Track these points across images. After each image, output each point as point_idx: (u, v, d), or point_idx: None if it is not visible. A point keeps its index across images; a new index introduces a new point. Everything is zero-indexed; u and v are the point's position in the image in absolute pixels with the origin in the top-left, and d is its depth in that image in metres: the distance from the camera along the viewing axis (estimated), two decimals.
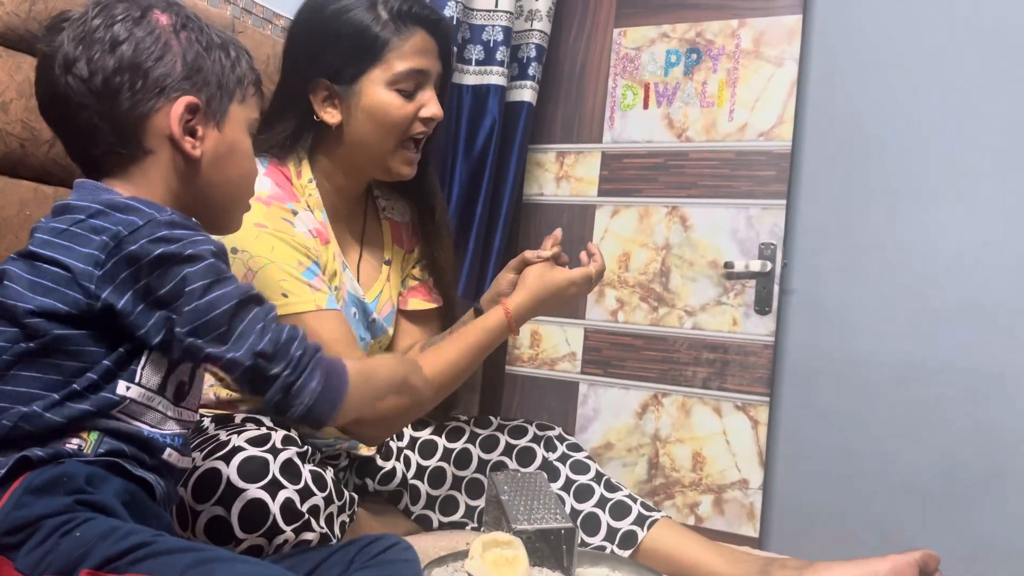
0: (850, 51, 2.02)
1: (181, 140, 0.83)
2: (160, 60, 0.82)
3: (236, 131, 0.89)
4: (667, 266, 2.05)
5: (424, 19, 1.24)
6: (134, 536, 0.69)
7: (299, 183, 1.25)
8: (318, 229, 1.24)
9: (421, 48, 1.22)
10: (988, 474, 1.83)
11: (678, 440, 2.01)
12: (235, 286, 0.79)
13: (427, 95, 1.24)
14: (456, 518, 1.39)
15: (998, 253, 1.85)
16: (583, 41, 2.17)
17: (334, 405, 0.82)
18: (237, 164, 0.89)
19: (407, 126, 1.23)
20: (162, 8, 0.85)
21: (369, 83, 1.21)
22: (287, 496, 0.98)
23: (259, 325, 0.78)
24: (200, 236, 0.79)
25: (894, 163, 1.96)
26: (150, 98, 0.82)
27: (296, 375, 0.79)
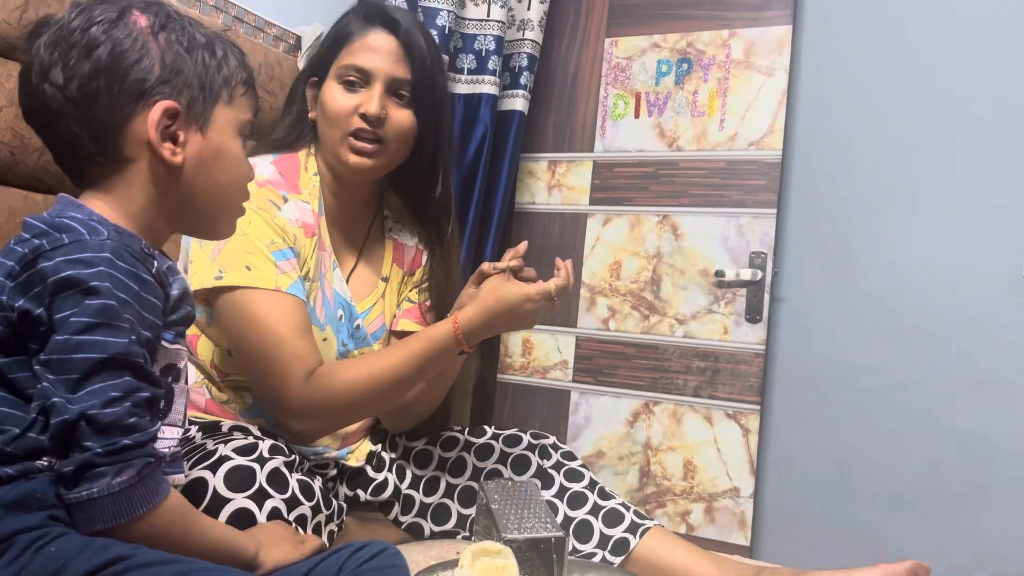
0: (839, 62, 2.03)
1: (159, 146, 0.79)
2: (137, 63, 0.78)
3: (222, 134, 0.84)
4: (658, 274, 2.06)
5: (383, 19, 1.25)
6: (112, 550, 0.67)
7: (305, 176, 1.27)
8: (306, 221, 1.23)
9: (372, 46, 1.23)
10: (975, 481, 1.83)
11: (669, 448, 2.01)
12: (119, 343, 0.71)
13: (367, 93, 1.23)
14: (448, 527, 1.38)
15: (984, 263, 1.86)
16: (575, 51, 2.18)
17: (117, 516, 0.70)
18: (224, 169, 0.85)
19: (345, 118, 1.23)
20: (141, 8, 0.81)
21: (329, 77, 1.26)
22: (274, 505, 0.97)
23: (112, 394, 0.70)
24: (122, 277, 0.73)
25: (883, 173, 1.97)
26: (127, 103, 0.78)
27: (105, 460, 0.69)
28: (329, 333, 1.28)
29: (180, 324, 0.83)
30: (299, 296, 1.16)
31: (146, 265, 0.77)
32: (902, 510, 1.89)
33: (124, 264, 0.74)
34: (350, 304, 1.31)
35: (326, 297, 1.28)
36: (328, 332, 1.28)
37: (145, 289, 0.76)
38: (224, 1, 1.56)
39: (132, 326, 0.73)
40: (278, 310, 1.13)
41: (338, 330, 1.29)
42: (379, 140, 1.24)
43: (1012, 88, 1.86)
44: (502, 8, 1.96)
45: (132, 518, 0.71)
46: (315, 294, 1.26)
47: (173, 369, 0.83)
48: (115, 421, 0.70)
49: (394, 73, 1.24)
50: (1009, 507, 1.80)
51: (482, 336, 1.21)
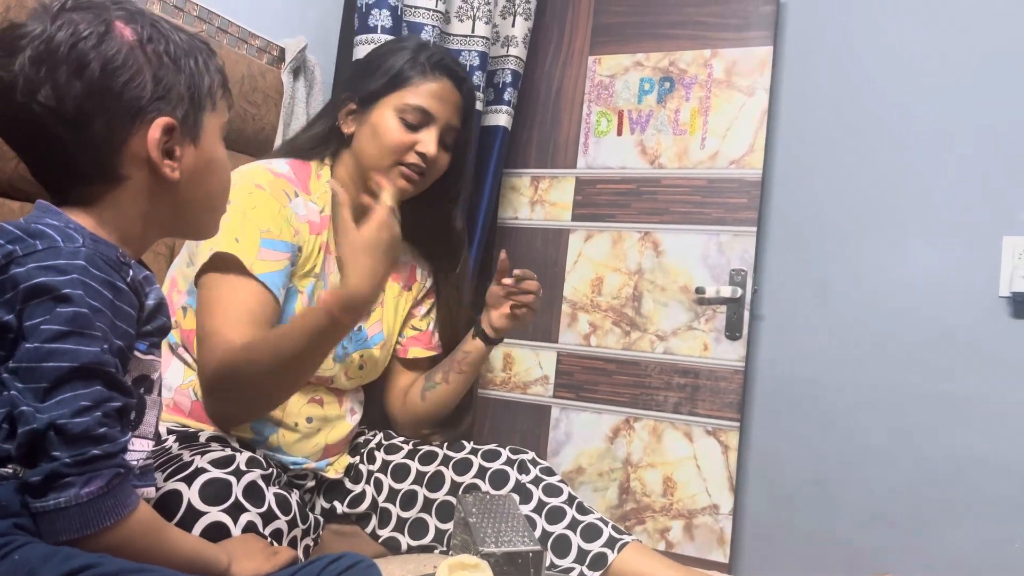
0: (820, 83, 2.06)
1: (161, 165, 0.78)
2: (131, 81, 0.76)
3: (212, 142, 0.84)
4: (639, 291, 2.07)
5: (450, 71, 1.36)
6: (77, 559, 0.66)
7: (317, 183, 1.34)
8: (311, 220, 1.29)
9: (437, 93, 1.34)
10: (952, 497, 1.85)
11: (649, 465, 2.01)
12: (91, 351, 0.70)
13: (427, 134, 1.33)
14: (426, 541, 1.38)
15: (961, 282, 1.89)
16: (558, 68, 2.20)
17: (84, 526, 0.68)
18: (216, 176, 0.85)
19: (401, 152, 1.32)
20: (125, 19, 0.78)
21: (382, 106, 1.33)
22: (249, 519, 0.96)
23: (82, 403, 0.69)
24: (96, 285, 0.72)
25: (862, 192, 2.00)
26: (124, 123, 0.76)
27: (73, 470, 0.68)
28: None
29: (155, 335, 0.82)
30: (269, 285, 1.18)
31: (121, 274, 0.76)
32: (880, 527, 1.89)
33: (98, 272, 0.73)
34: None
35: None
36: None
37: (119, 298, 0.75)
38: (208, 12, 1.56)
39: (104, 335, 0.72)
40: (238, 293, 1.15)
41: None
42: (423, 174, 1.35)
43: (989, 111, 1.90)
44: (487, 24, 1.98)
45: (99, 529, 0.70)
46: (319, 294, 1.30)
47: (146, 380, 0.82)
48: (85, 431, 0.69)
49: (451, 121, 1.36)
50: (985, 523, 1.82)
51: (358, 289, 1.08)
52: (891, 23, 2.01)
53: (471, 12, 1.96)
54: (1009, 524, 1.80)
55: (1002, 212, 1.87)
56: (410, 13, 1.84)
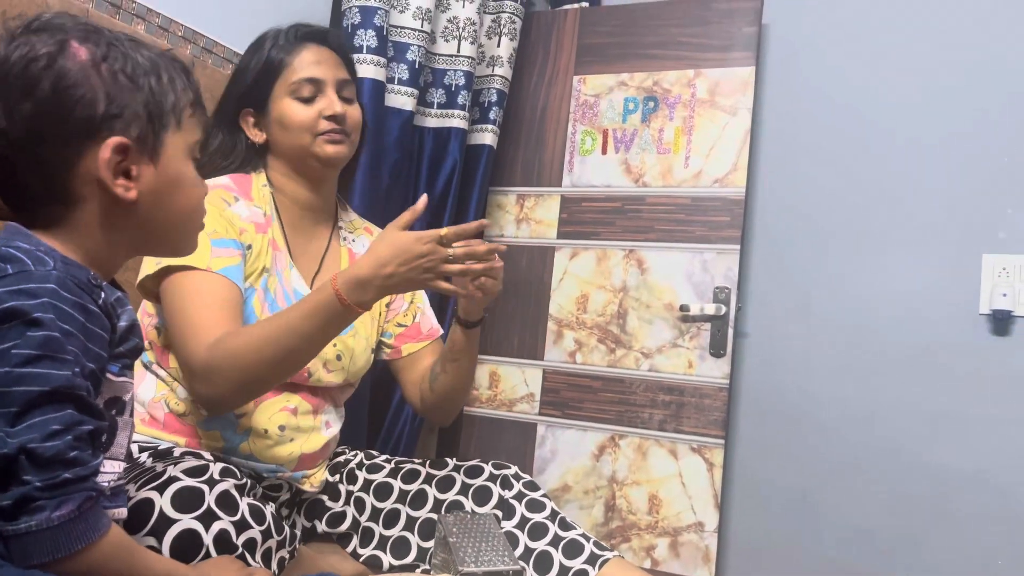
0: (801, 103, 2.08)
1: (112, 184, 0.77)
2: (80, 100, 0.75)
3: (175, 161, 0.82)
4: (624, 308, 2.07)
5: (311, 35, 1.38)
6: None
7: (256, 188, 1.36)
8: (256, 220, 1.31)
9: (312, 59, 1.36)
10: (936, 513, 1.85)
11: (634, 482, 2.00)
12: (62, 375, 0.70)
13: (326, 99, 1.35)
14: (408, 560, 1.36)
15: (943, 299, 1.90)
16: (544, 87, 2.22)
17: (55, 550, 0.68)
18: (180, 196, 0.83)
19: (312, 125, 1.34)
20: (80, 38, 0.77)
21: (275, 99, 1.35)
22: (222, 528, 0.96)
23: (53, 427, 0.69)
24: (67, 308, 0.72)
25: (844, 211, 2.01)
26: (74, 143, 0.75)
27: (45, 494, 0.67)
28: None
29: (127, 356, 0.81)
30: (229, 277, 1.20)
31: (92, 296, 0.75)
32: (865, 542, 1.89)
33: (69, 295, 0.72)
34: None
35: (286, 292, 1.32)
36: None
37: (91, 320, 0.74)
38: (193, 32, 1.57)
39: (76, 358, 0.71)
40: (204, 287, 1.17)
41: None
42: (344, 133, 1.37)
43: (970, 130, 1.92)
44: (472, 44, 2.00)
45: (71, 553, 0.69)
46: (275, 287, 1.31)
47: (118, 402, 0.81)
48: (56, 455, 0.68)
49: (339, 75, 1.38)
50: (968, 538, 1.82)
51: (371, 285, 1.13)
52: (871, 44, 2.04)
53: (457, 32, 1.98)
54: (992, 539, 1.80)
55: (982, 230, 1.89)
56: (396, 33, 1.86)
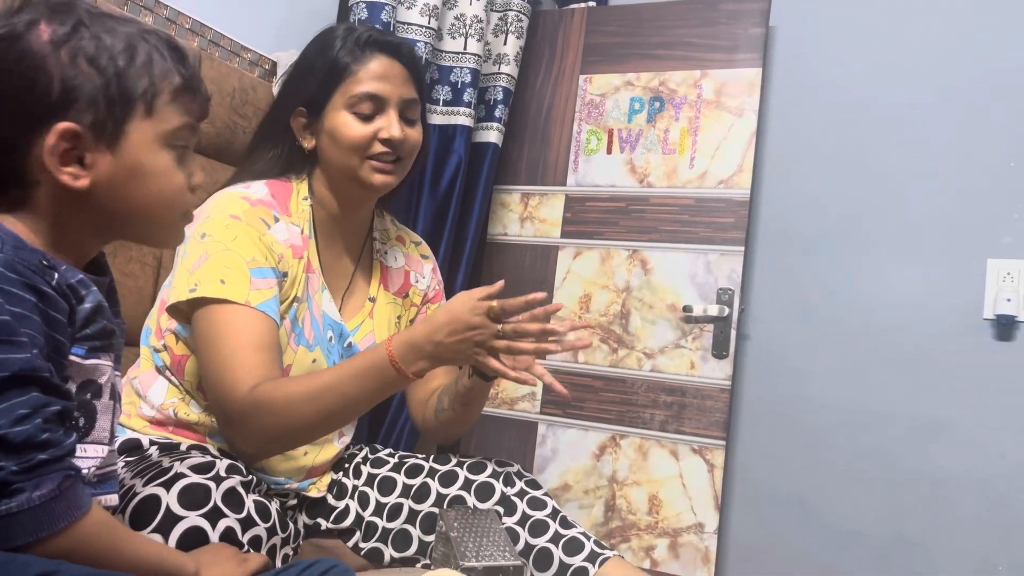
0: (808, 104, 2.08)
1: (58, 172, 0.75)
2: (32, 86, 0.74)
3: (139, 150, 0.78)
4: (627, 308, 2.07)
5: (383, 45, 1.28)
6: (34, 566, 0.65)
7: (296, 200, 1.30)
8: (294, 243, 1.25)
9: (379, 73, 1.26)
10: (936, 520, 1.85)
11: (635, 482, 2.01)
12: (21, 358, 0.69)
13: (386, 119, 1.27)
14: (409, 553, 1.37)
15: (946, 304, 1.90)
16: (549, 86, 2.22)
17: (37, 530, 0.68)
18: (143, 186, 0.79)
19: (366, 146, 1.26)
20: (49, 18, 0.75)
21: (332, 108, 1.27)
22: (228, 525, 0.96)
23: (21, 411, 0.68)
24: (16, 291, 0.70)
25: (848, 214, 2.01)
26: (25, 129, 0.74)
27: (21, 477, 0.67)
28: (319, 354, 1.28)
29: (95, 339, 0.79)
30: (268, 314, 1.16)
31: (45, 278, 0.74)
32: (863, 546, 1.89)
33: (17, 276, 0.71)
34: (340, 324, 1.31)
35: (315, 319, 1.28)
36: (318, 353, 1.28)
37: (44, 302, 0.73)
38: (200, 25, 1.57)
39: (32, 339, 0.70)
40: (242, 324, 1.13)
41: (328, 351, 1.30)
42: (398, 159, 1.29)
43: (976, 133, 1.92)
44: (479, 42, 2.00)
45: (53, 532, 0.69)
46: (304, 315, 1.26)
47: (92, 385, 0.80)
48: (28, 439, 0.68)
49: (404, 95, 1.28)
50: (967, 545, 1.82)
51: (423, 350, 1.12)
52: (879, 46, 2.04)
53: (463, 30, 1.98)
54: (992, 546, 1.80)
55: (987, 234, 1.89)
56: (402, 29, 1.86)
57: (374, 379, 1.12)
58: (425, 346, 1.11)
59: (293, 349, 1.25)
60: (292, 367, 1.25)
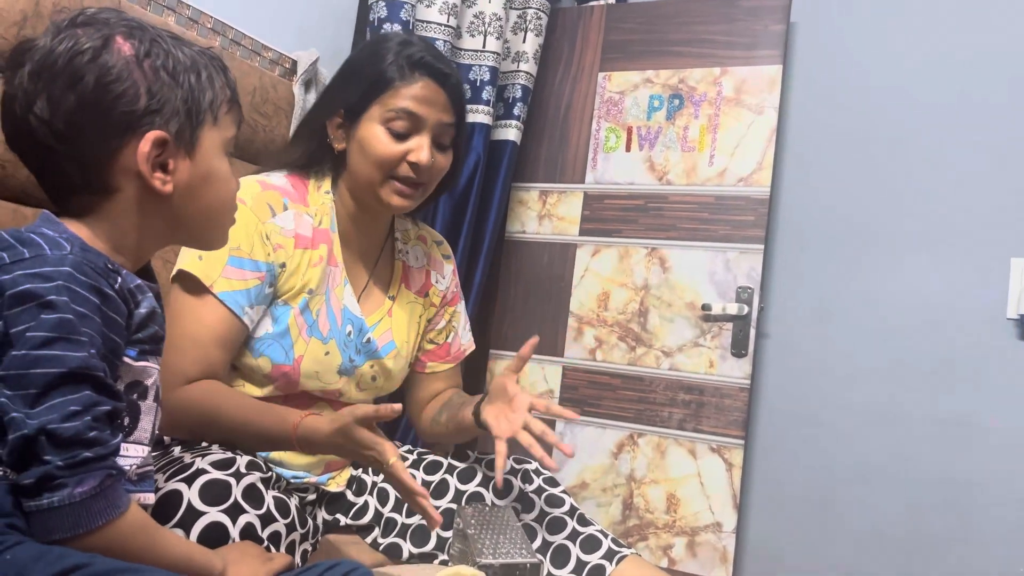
0: (828, 102, 2.07)
1: (151, 178, 0.79)
2: (123, 95, 0.77)
3: (210, 157, 0.84)
4: (645, 306, 2.07)
5: (431, 69, 1.27)
6: (68, 558, 0.67)
7: (315, 194, 1.31)
8: (300, 233, 1.26)
9: (421, 95, 1.26)
10: (955, 520, 1.83)
11: (653, 481, 2.00)
12: (78, 356, 0.71)
13: (418, 141, 1.27)
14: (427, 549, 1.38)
15: (968, 304, 1.88)
16: (568, 84, 2.21)
17: (76, 526, 0.70)
18: (213, 191, 0.85)
19: (393, 164, 1.26)
20: (125, 34, 0.79)
21: (368, 118, 1.27)
22: (248, 521, 0.97)
23: (72, 408, 0.70)
24: (82, 291, 0.73)
25: (869, 213, 2.00)
26: (114, 136, 0.78)
27: (66, 472, 0.69)
28: (333, 347, 1.29)
29: (146, 343, 0.82)
30: (229, 306, 1.18)
31: (109, 281, 0.77)
32: (883, 547, 1.88)
33: (84, 278, 0.74)
34: (360, 319, 1.32)
35: (332, 312, 1.29)
36: (332, 346, 1.29)
37: (106, 304, 0.76)
38: (222, 24, 1.59)
39: (91, 339, 0.73)
40: (198, 312, 1.16)
41: (345, 345, 1.31)
42: (419, 184, 1.29)
43: (999, 132, 1.90)
44: (497, 40, 2.00)
45: (91, 529, 0.70)
46: (319, 308, 1.27)
47: (139, 386, 0.83)
48: (75, 435, 0.70)
49: (442, 120, 1.28)
50: (989, 546, 1.80)
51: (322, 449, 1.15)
52: (900, 43, 2.01)
53: (482, 28, 1.99)
54: (1014, 548, 1.78)
55: (1011, 233, 1.87)
56: (422, 28, 1.86)
57: (271, 441, 1.16)
58: (324, 448, 1.14)
59: (305, 340, 1.26)
60: (304, 358, 1.26)
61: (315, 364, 1.27)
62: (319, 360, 1.27)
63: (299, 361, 1.25)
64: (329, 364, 1.28)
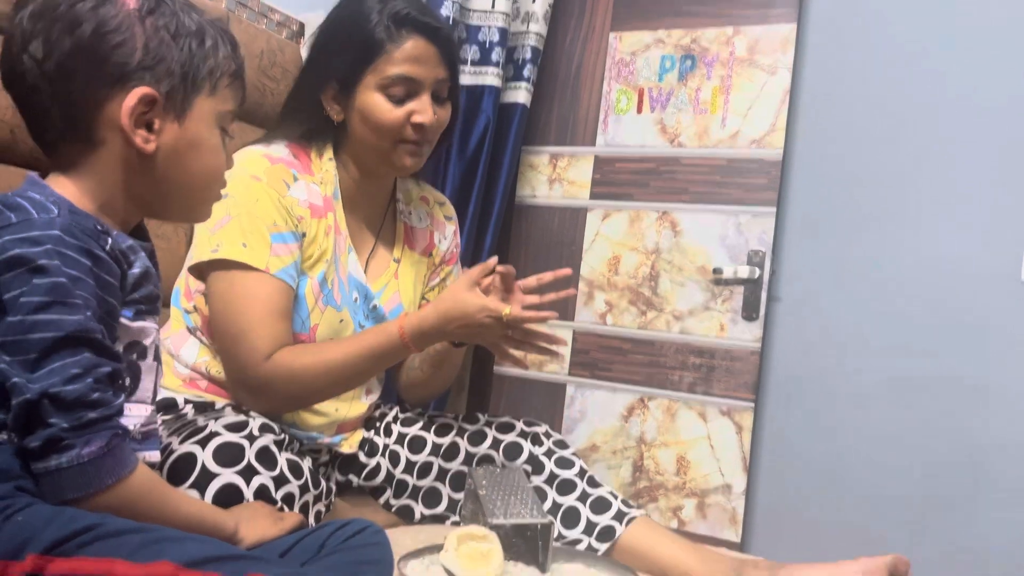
0: (843, 61, 2.03)
1: (132, 133, 0.79)
2: (119, 46, 0.77)
3: (201, 125, 0.83)
4: (656, 270, 2.06)
5: (421, 26, 1.25)
6: (80, 519, 0.68)
7: (319, 162, 1.30)
8: (314, 203, 1.26)
9: (413, 55, 1.24)
10: (968, 483, 1.84)
11: (663, 444, 2.01)
12: (74, 319, 0.71)
13: (419, 102, 1.26)
14: (439, 510, 1.40)
15: (983, 265, 1.86)
16: (579, 45, 2.18)
17: (86, 486, 0.70)
18: (198, 159, 0.84)
19: (398, 129, 1.26)
20: None
21: (364, 87, 1.25)
22: (262, 482, 0.98)
23: (73, 371, 0.70)
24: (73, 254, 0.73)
25: (884, 175, 1.97)
26: (103, 86, 0.78)
27: (72, 434, 0.70)
28: (346, 315, 1.30)
29: (142, 303, 0.82)
30: (286, 280, 1.19)
31: (99, 243, 0.76)
32: (894, 510, 1.89)
33: (74, 240, 0.74)
34: (365, 286, 1.33)
35: (341, 280, 1.30)
36: (345, 313, 1.30)
37: (98, 266, 0.76)
38: None
39: (86, 302, 0.73)
40: (259, 290, 1.16)
41: (355, 312, 1.32)
42: (427, 142, 1.30)
43: (1016, 89, 1.86)
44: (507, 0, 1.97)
45: (101, 488, 0.71)
46: (332, 277, 1.28)
47: (138, 346, 0.83)
48: (79, 398, 0.70)
49: (438, 76, 1.27)
50: (1001, 509, 1.80)
51: (434, 337, 1.21)
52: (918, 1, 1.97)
53: None
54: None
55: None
56: None
57: (385, 356, 1.21)
58: (435, 333, 1.19)
59: (321, 310, 1.27)
60: (319, 327, 1.27)
61: (330, 332, 1.28)
62: (334, 328, 1.28)
63: (315, 330, 1.26)
64: (343, 332, 1.29)
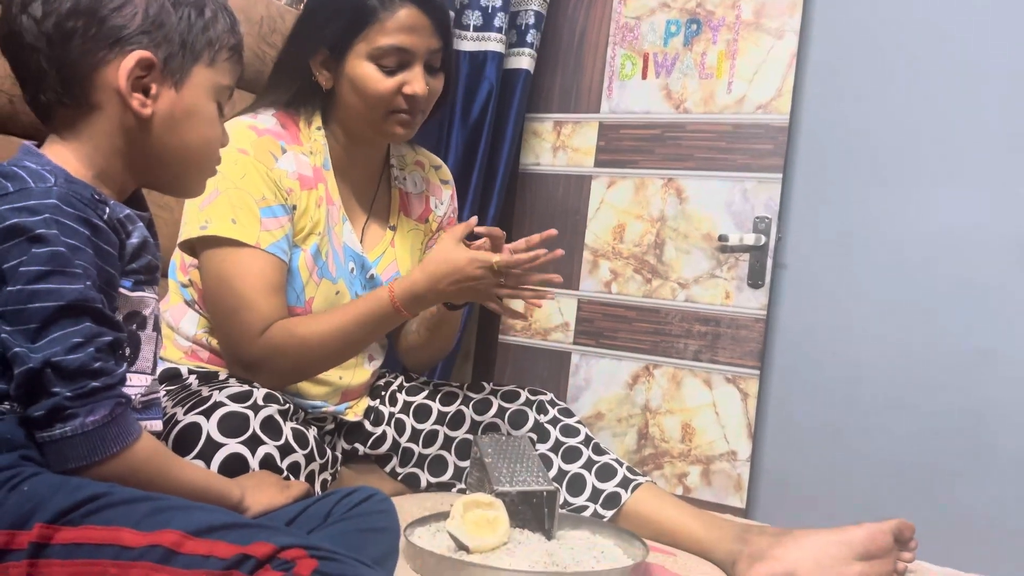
0: (851, 25, 2.00)
1: (128, 96, 0.79)
2: (119, 9, 0.77)
3: (198, 95, 0.83)
4: (661, 238, 2.05)
5: None
6: (86, 488, 0.68)
7: (307, 131, 1.29)
8: (303, 174, 1.25)
9: (406, 24, 1.22)
10: (972, 450, 1.84)
11: (668, 411, 2.02)
12: (75, 288, 0.71)
13: (411, 73, 1.24)
14: (445, 478, 1.41)
15: (989, 233, 1.84)
16: (583, 9, 2.15)
17: (91, 454, 0.71)
18: (194, 129, 0.84)
19: (389, 100, 1.24)
20: None
21: (354, 55, 1.24)
22: (267, 452, 0.99)
23: (74, 340, 0.70)
24: (71, 223, 0.72)
25: (891, 140, 1.95)
26: (101, 48, 0.78)
27: (75, 403, 0.70)
28: (342, 286, 1.30)
29: (141, 273, 0.83)
30: (278, 255, 1.19)
31: (97, 212, 0.76)
32: (898, 477, 1.89)
33: (72, 210, 0.74)
34: (361, 256, 1.33)
35: (335, 251, 1.29)
36: (341, 285, 1.30)
37: (97, 235, 0.75)
38: None
39: (85, 271, 0.73)
40: (251, 266, 1.15)
41: (351, 283, 1.31)
42: (419, 112, 1.28)
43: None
44: None
45: (105, 457, 0.72)
46: (326, 249, 1.27)
47: (138, 316, 0.83)
48: (81, 367, 0.70)
49: (431, 46, 1.25)
50: (1005, 475, 1.81)
51: (427, 299, 1.20)
52: None
53: None
54: None
55: None
56: None
57: (379, 324, 1.21)
58: (427, 295, 1.19)
59: (316, 282, 1.26)
60: (316, 300, 1.26)
61: (327, 304, 1.27)
62: (331, 300, 1.28)
63: (310, 302, 1.26)
64: (340, 303, 1.29)
